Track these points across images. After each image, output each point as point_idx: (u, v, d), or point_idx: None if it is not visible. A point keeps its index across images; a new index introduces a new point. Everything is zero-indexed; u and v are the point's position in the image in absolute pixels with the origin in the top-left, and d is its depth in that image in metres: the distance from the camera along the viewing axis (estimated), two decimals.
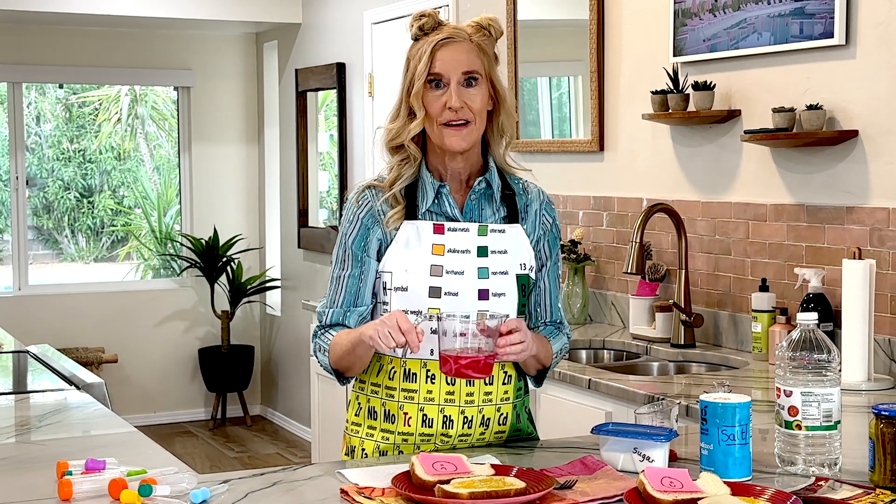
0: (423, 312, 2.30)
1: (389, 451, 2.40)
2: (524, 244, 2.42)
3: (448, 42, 2.33)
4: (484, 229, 2.38)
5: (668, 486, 1.96)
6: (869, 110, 3.39)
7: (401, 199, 2.37)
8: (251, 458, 6.94)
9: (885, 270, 3.30)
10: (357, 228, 2.40)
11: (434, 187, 2.38)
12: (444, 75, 2.33)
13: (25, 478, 2.25)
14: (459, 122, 2.33)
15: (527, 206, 2.45)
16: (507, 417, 2.43)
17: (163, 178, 8.42)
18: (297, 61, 7.32)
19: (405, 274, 2.35)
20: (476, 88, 2.34)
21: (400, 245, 2.37)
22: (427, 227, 2.36)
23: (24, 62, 7.42)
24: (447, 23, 2.39)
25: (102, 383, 3.31)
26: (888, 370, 3.26)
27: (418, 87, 2.33)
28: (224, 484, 2.12)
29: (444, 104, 2.32)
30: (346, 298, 2.42)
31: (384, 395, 2.40)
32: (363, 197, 2.41)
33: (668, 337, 3.96)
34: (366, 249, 2.40)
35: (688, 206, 4.06)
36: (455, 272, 2.35)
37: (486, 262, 2.37)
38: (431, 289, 2.34)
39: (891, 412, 2.10)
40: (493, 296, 2.36)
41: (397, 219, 2.36)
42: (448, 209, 2.38)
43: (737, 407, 2.13)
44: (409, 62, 2.37)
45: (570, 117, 4.89)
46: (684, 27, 4.01)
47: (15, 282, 7.56)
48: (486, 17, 2.40)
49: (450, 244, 2.36)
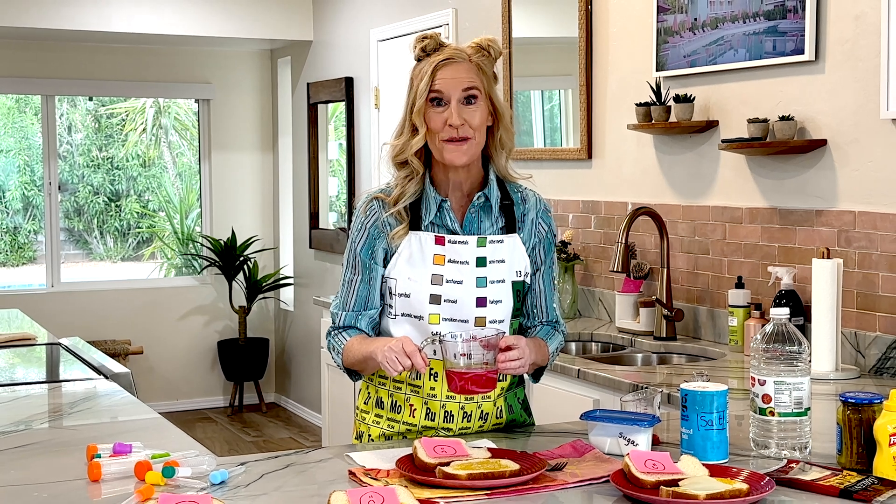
0: (428, 337, 2.27)
1: (394, 439, 2.40)
2: (520, 252, 2.39)
3: (449, 62, 2.30)
4: (483, 241, 2.35)
5: (651, 467, 1.96)
6: (837, 121, 3.38)
7: (405, 214, 2.35)
8: (266, 442, 6.94)
9: (851, 269, 3.30)
10: (364, 238, 2.38)
11: (437, 202, 2.35)
12: (444, 93, 2.29)
13: (58, 460, 2.25)
14: (460, 139, 2.29)
15: (524, 214, 2.41)
16: (502, 410, 2.43)
17: (185, 183, 8.41)
18: (309, 76, 7.31)
19: (408, 282, 2.33)
20: (475, 106, 2.30)
21: (404, 255, 2.35)
22: (429, 238, 2.34)
23: (57, 76, 7.42)
24: (448, 44, 2.36)
25: (129, 373, 3.31)
26: (854, 361, 3.26)
27: (420, 105, 2.30)
28: (241, 466, 2.12)
29: (446, 121, 2.28)
30: (356, 303, 2.39)
31: (392, 387, 2.40)
32: (370, 208, 2.38)
33: (652, 330, 3.95)
34: (373, 257, 2.38)
35: (669, 209, 4.05)
36: (455, 281, 2.33)
37: (484, 271, 2.34)
38: (432, 296, 2.32)
39: (857, 400, 2.10)
40: (490, 303, 2.34)
41: (402, 234, 2.34)
42: (449, 222, 2.35)
43: (715, 395, 2.13)
44: (412, 81, 2.34)
45: (560, 127, 4.89)
46: (666, 44, 4.00)
47: (48, 279, 7.56)
48: (486, 38, 2.37)
49: (450, 255, 2.34)
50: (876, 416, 2.07)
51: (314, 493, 1.97)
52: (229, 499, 1.92)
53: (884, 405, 2.07)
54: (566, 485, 2.00)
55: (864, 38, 3.27)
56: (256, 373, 7.74)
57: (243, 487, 1.99)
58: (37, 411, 2.84)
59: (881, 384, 3.04)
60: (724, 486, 1.89)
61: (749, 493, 1.87)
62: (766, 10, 3.57)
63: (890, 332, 3.18)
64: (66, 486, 2.04)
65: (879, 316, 3.22)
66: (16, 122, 8.01)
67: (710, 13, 3.79)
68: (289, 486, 2.01)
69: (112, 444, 2.16)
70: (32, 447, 2.37)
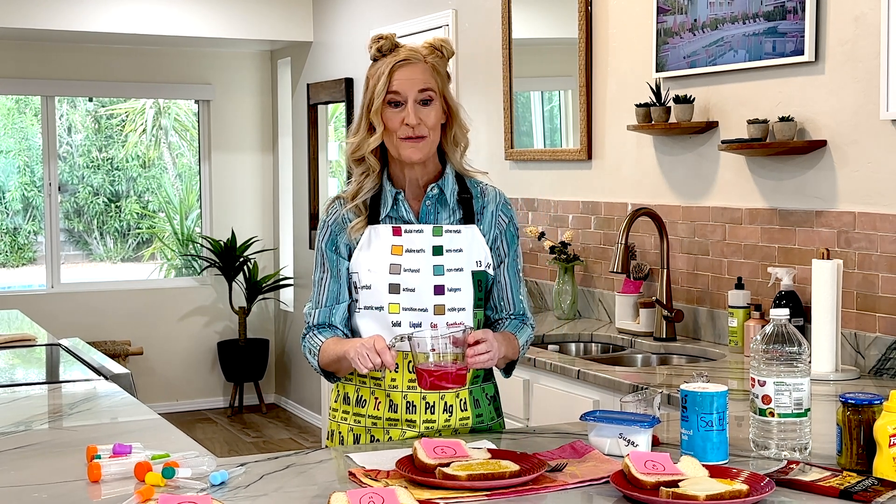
0: (396, 335, 2.30)
1: (362, 434, 2.42)
2: (479, 243, 2.44)
3: (405, 63, 2.37)
4: (439, 230, 2.41)
5: (651, 468, 1.96)
6: (836, 122, 3.39)
7: (363, 209, 2.42)
8: (266, 442, 6.94)
9: (851, 270, 3.30)
10: (328, 235, 2.45)
11: (392, 194, 2.42)
12: (401, 94, 2.35)
13: (58, 461, 2.25)
14: (416, 137, 2.36)
15: (483, 207, 2.46)
16: (466, 403, 2.43)
17: (184, 184, 8.41)
18: (309, 77, 7.32)
19: (368, 273, 2.39)
20: (431, 106, 2.37)
21: (363, 248, 2.41)
22: (386, 230, 2.40)
23: (57, 77, 7.42)
24: (403, 45, 2.42)
25: (129, 374, 3.31)
26: (854, 362, 3.26)
27: (377, 105, 2.36)
28: (241, 467, 2.12)
29: (402, 120, 2.35)
30: (328, 298, 2.44)
31: (357, 381, 2.44)
32: (332, 207, 2.46)
33: (651, 331, 3.95)
34: (337, 251, 2.44)
35: (669, 210, 4.05)
36: (412, 270, 2.38)
37: (441, 259, 2.39)
38: (391, 286, 2.38)
39: (856, 400, 2.10)
40: (448, 291, 2.39)
41: (360, 227, 2.41)
42: (404, 213, 2.41)
43: (714, 396, 2.13)
44: (368, 81, 2.40)
45: (560, 128, 4.89)
46: (666, 45, 4.01)
47: (48, 280, 7.56)
48: (438, 38, 2.45)
49: (407, 244, 2.39)
50: (876, 417, 2.07)
51: (314, 494, 1.97)
52: (229, 499, 1.92)
53: (884, 406, 2.07)
54: (566, 485, 2.00)
55: (863, 38, 3.27)
56: (256, 373, 7.74)
57: (243, 488, 1.99)
58: (37, 412, 2.85)
59: (881, 385, 3.04)
60: (724, 486, 1.89)
61: (749, 493, 1.87)
62: (765, 10, 3.57)
63: (890, 333, 3.18)
64: (66, 487, 2.04)
65: (879, 317, 3.22)
66: (16, 123, 8.01)
67: (710, 14, 3.79)
68: (289, 487, 2.01)
69: (112, 445, 2.16)
70: (32, 448, 2.37)
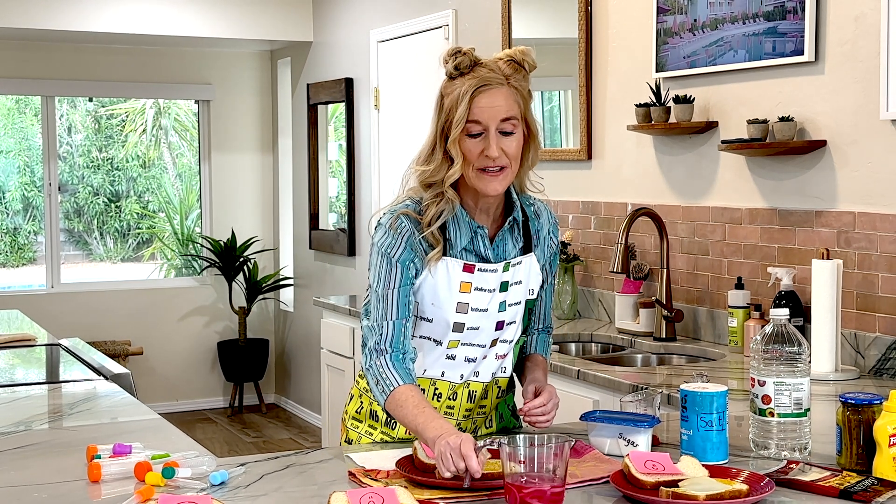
0: (487, 440, 1.97)
1: None
2: (535, 271, 2.32)
3: (486, 88, 2.15)
4: (507, 266, 2.27)
5: (651, 468, 1.96)
6: (836, 122, 3.39)
7: (439, 237, 2.22)
8: (266, 442, 6.94)
9: (850, 270, 3.30)
10: (401, 251, 2.21)
11: (472, 227, 2.23)
12: (483, 123, 2.15)
13: (58, 461, 2.25)
14: (496, 169, 2.17)
15: (538, 231, 2.34)
16: (492, 420, 2.43)
17: (184, 184, 8.41)
18: (309, 76, 7.32)
19: (431, 307, 2.24)
20: (513, 136, 2.17)
21: (430, 279, 2.22)
22: (457, 265, 2.22)
23: (57, 77, 7.42)
24: (484, 61, 2.19)
25: (129, 374, 3.30)
26: (854, 362, 3.26)
27: (456, 135, 2.15)
28: (241, 467, 2.12)
29: (482, 151, 2.15)
30: (400, 309, 2.22)
31: None
32: (400, 224, 2.21)
33: (651, 331, 3.95)
34: (409, 270, 2.22)
35: (669, 210, 4.05)
36: (480, 310, 2.25)
37: (504, 296, 2.28)
38: (455, 324, 2.25)
39: (856, 400, 2.10)
40: (506, 325, 2.31)
41: (437, 258, 2.21)
42: (482, 250, 2.24)
43: (714, 396, 2.13)
44: (444, 103, 2.19)
45: (560, 128, 4.89)
46: (666, 45, 4.01)
47: (48, 280, 7.56)
48: (519, 50, 2.22)
49: (476, 283, 2.24)
50: (876, 417, 2.07)
51: (314, 494, 1.97)
52: (229, 499, 1.92)
53: (883, 406, 2.07)
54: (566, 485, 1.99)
55: (863, 38, 3.27)
56: (256, 373, 7.74)
57: (243, 488, 1.99)
58: (37, 412, 2.85)
59: (881, 385, 3.04)
60: (724, 486, 1.89)
61: (749, 493, 1.87)
62: (765, 10, 3.57)
63: (889, 333, 3.18)
64: (66, 487, 2.04)
65: (879, 317, 3.22)
66: (16, 123, 8.01)
67: (710, 14, 3.79)
68: (289, 487, 2.01)
69: (112, 445, 2.16)
70: (32, 448, 2.37)
